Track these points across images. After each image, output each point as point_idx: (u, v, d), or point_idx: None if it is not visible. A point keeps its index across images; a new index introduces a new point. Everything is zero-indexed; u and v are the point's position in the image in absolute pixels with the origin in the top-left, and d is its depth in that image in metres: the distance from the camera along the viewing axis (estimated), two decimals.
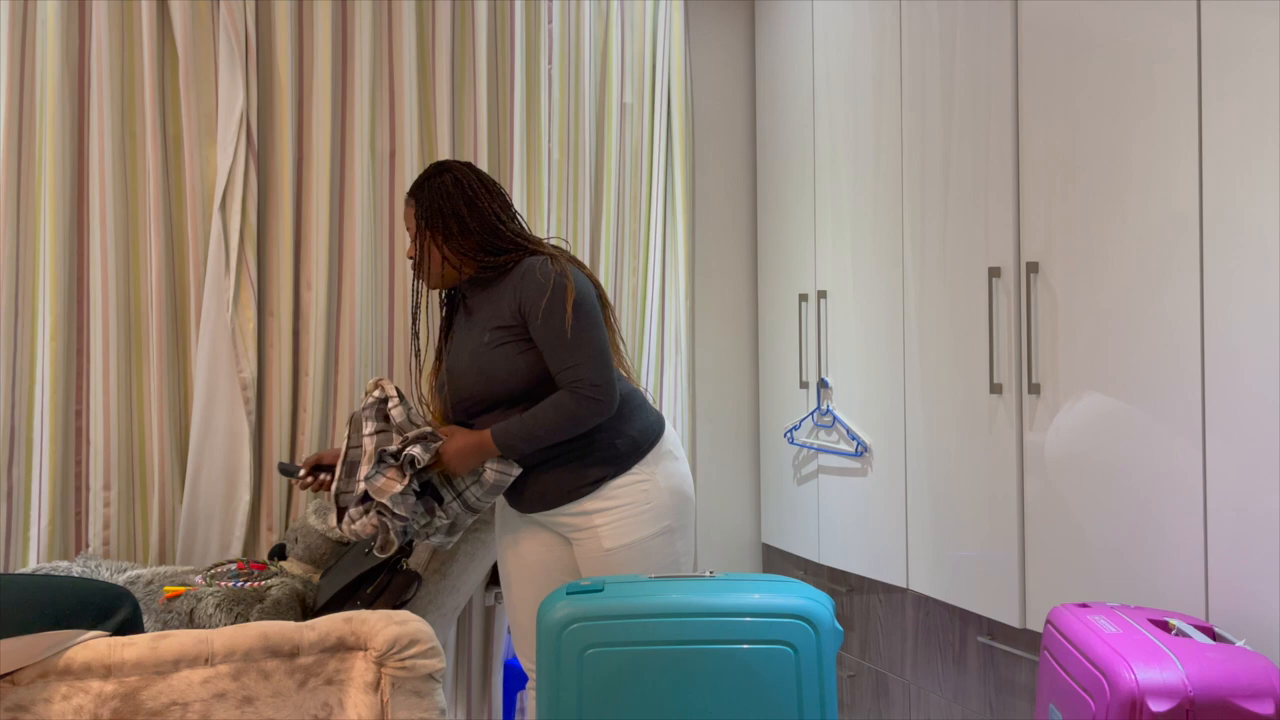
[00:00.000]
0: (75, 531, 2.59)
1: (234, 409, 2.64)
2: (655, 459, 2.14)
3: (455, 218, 2.16)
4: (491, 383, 2.11)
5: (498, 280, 2.15)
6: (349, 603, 2.16)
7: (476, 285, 2.20)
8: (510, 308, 2.10)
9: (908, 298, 2.54)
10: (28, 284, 2.56)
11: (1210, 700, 1.45)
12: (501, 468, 2.12)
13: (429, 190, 2.19)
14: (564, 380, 2.06)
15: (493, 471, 2.13)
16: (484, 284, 2.18)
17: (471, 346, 2.15)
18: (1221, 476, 1.74)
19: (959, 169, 2.35)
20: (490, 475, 2.13)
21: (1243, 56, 1.70)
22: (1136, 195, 1.90)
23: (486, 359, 2.11)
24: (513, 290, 2.10)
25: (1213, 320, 1.76)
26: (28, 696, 1.66)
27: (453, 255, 2.16)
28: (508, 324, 2.10)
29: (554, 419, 2.07)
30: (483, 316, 2.15)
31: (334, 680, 1.78)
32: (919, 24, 2.49)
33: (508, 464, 2.12)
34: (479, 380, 2.12)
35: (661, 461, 2.15)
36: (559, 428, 2.07)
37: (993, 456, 2.24)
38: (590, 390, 2.05)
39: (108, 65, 2.60)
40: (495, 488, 2.14)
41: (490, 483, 2.13)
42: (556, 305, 2.05)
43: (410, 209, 2.21)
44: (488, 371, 2.11)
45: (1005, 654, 2.29)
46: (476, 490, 2.16)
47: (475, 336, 2.15)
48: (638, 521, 2.10)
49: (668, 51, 3.21)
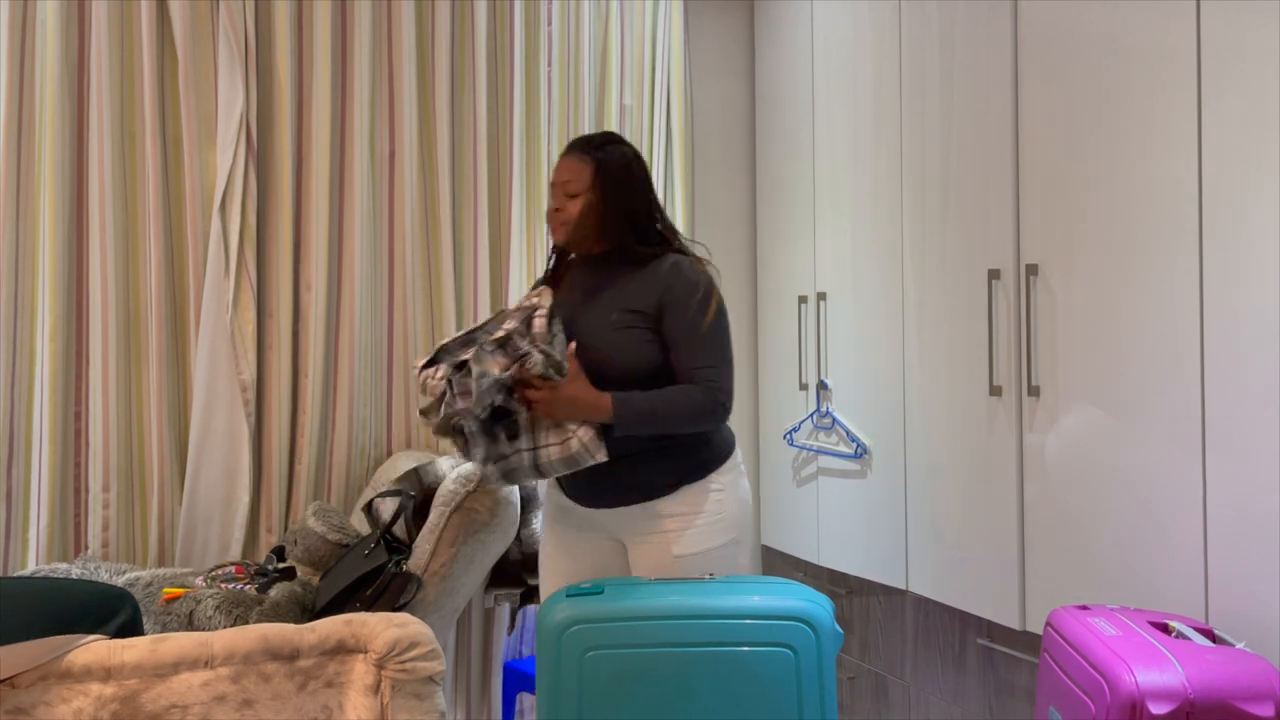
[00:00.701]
0: (74, 533, 2.59)
1: (233, 410, 2.64)
2: (730, 469, 2.11)
3: (628, 189, 2.14)
4: (609, 360, 2.05)
5: (634, 267, 2.11)
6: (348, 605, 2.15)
7: (605, 264, 2.15)
8: (651, 298, 2.07)
9: (907, 299, 2.54)
10: (27, 285, 2.56)
11: (1210, 703, 1.44)
12: (591, 443, 2.01)
13: (611, 153, 2.15)
14: (697, 379, 2.05)
15: (579, 442, 2.01)
16: (615, 265, 2.13)
17: (591, 320, 2.10)
18: (1221, 478, 1.74)
19: (959, 170, 2.35)
20: (575, 444, 2.00)
21: (1242, 58, 1.70)
22: (1136, 197, 1.90)
23: (611, 337, 2.06)
24: (658, 282, 2.08)
25: (1212, 322, 1.76)
26: (27, 700, 1.66)
27: (612, 223, 2.12)
28: (641, 310, 2.07)
29: (679, 406, 2.03)
30: (610, 296, 2.11)
31: (334, 683, 1.78)
32: (918, 25, 2.49)
33: (599, 443, 2.01)
34: (594, 354, 2.05)
35: (734, 473, 2.13)
36: (678, 417, 2.03)
37: (992, 459, 2.24)
38: (720, 395, 2.05)
39: (107, 67, 2.60)
40: (572, 461, 2.02)
41: (572, 452, 2.01)
42: (703, 307, 2.06)
43: (581, 164, 2.13)
44: (612, 348, 2.05)
45: (1005, 656, 2.29)
46: (554, 453, 2.02)
47: (599, 313, 2.09)
48: (709, 531, 2.05)
49: (667, 53, 3.21)
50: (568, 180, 2.13)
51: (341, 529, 2.43)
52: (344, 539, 2.40)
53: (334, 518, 2.46)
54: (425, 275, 2.90)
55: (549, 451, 2.03)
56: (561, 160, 2.16)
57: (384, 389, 2.88)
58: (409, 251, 2.86)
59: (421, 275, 2.89)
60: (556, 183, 2.15)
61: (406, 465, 2.57)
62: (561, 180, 2.14)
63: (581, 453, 2.00)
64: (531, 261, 2.99)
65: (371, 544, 2.24)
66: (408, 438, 2.91)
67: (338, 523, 2.45)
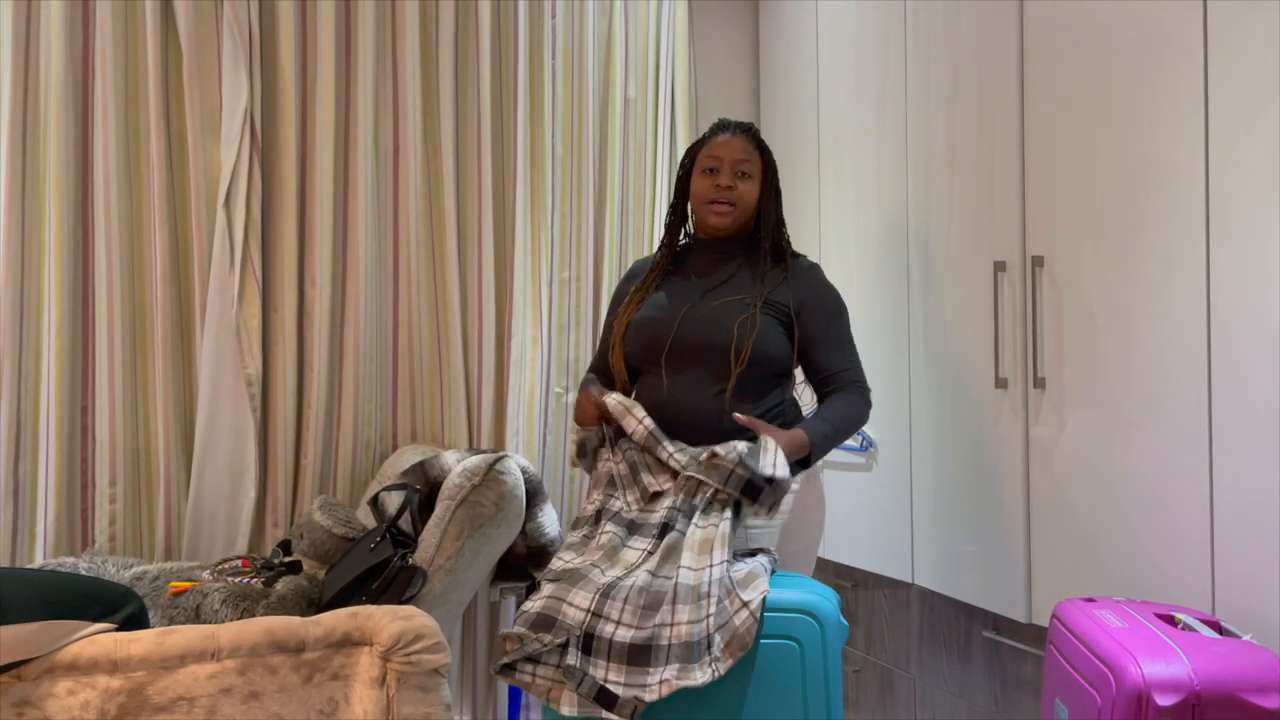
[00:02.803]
0: (81, 528, 2.59)
1: (239, 405, 2.65)
2: (811, 473, 2.12)
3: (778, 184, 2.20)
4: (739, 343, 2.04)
5: (767, 259, 2.14)
6: (354, 598, 2.15)
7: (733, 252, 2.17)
8: (794, 295, 2.11)
9: (913, 292, 2.53)
10: (33, 281, 2.56)
11: (1216, 694, 1.44)
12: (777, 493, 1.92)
13: (772, 159, 2.21)
14: (844, 380, 2.10)
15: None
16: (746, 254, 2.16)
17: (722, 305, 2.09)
18: (1228, 469, 1.74)
19: (964, 163, 2.34)
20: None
21: (1249, 49, 1.69)
22: (1142, 189, 1.89)
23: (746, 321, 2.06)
24: (801, 280, 2.14)
25: (1219, 313, 1.75)
26: (34, 692, 1.67)
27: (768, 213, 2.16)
28: (781, 303, 2.11)
29: (852, 419, 2.08)
30: (739, 283, 2.13)
31: (340, 675, 1.79)
32: (923, 18, 2.48)
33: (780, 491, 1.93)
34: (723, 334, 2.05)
35: (813, 477, 2.14)
36: (851, 430, 2.09)
37: (998, 451, 2.24)
38: (869, 394, 2.12)
39: (112, 63, 2.60)
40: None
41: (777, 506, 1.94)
42: (843, 310, 2.15)
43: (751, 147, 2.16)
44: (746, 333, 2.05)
45: (1011, 649, 2.28)
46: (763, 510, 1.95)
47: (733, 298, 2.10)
48: (787, 532, 2.06)
49: (671, 47, 3.20)
50: (744, 160, 2.12)
51: (347, 523, 2.43)
52: (350, 533, 2.40)
53: (339, 511, 2.47)
54: (429, 269, 2.90)
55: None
56: (725, 140, 2.15)
57: (389, 383, 2.89)
58: (413, 246, 2.86)
59: (426, 269, 2.89)
60: (726, 160, 2.12)
61: (412, 459, 2.57)
62: (736, 159, 2.12)
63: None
64: (535, 256, 2.99)
65: (377, 538, 2.24)
66: (413, 432, 2.92)
67: (343, 516, 2.45)
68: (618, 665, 1.71)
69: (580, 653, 1.73)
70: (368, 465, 2.84)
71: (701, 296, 2.11)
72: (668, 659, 1.70)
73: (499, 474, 2.31)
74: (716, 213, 2.13)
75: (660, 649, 1.71)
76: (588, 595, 1.79)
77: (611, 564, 1.89)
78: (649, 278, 2.24)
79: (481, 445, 2.90)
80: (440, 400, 2.89)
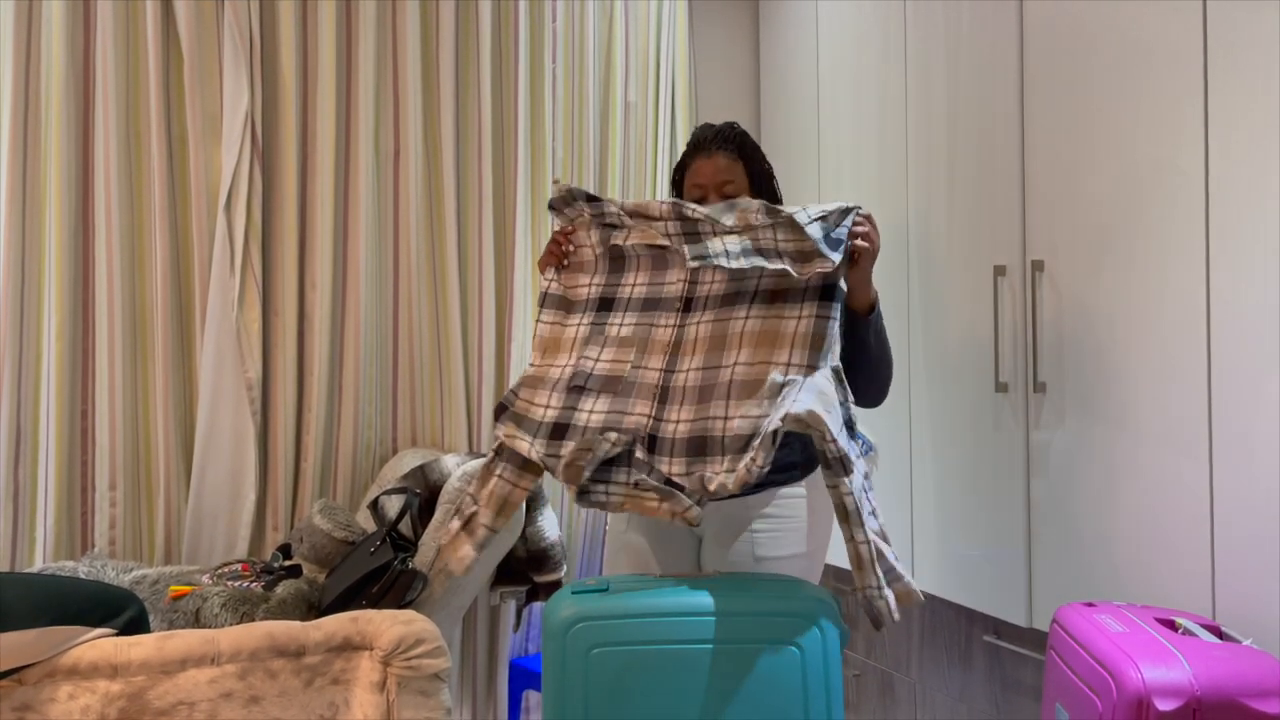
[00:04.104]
0: (81, 531, 2.59)
1: (239, 409, 2.65)
2: (815, 479, 2.06)
3: (772, 185, 2.09)
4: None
5: None
6: (354, 602, 2.15)
7: None
8: None
9: (913, 296, 2.53)
10: (33, 284, 2.56)
11: (1217, 699, 1.44)
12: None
13: (751, 145, 2.08)
14: None
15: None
16: None
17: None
18: (1228, 474, 1.74)
19: (964, 167, 2.34)
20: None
21: (1249, 53, 1.69)
22: (1142, 193, 1.89)
23: None
24: None
25: (1219, 317, 1.75)
26: (34, 696, 1.67)
27: None
28: None
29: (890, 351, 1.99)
30: None
31: (340, 680, 1.78)
32: (924, 21, 2.48)
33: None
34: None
35: (819, 484, 2.10)
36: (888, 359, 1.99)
37: (998, 455, 2.24)
38: None
39: (113, 66, 2.60)
40: None
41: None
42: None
43: (732, 160, 2.04)
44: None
45: (1011, 653, 2.28)
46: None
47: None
48: (795, 536, 2.00)
49: (672, 50, 3.21)
50: (726, 181, 2.01)
51: (347, 526, 2.43)
52: (350, 536, 2.40)
53: (340, 515, 2.47)
54: (430, 273, 2.90)
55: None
56: (705, 160, 2.04)
57: (389, 387, 2.89)
58: (414, 249, 2.86)
59: (426, 273, 2.89)
60: (709, 185, 2.01)
61: (412, 463, 2.57)
62: (718, 182, 2.01)
63: None
64: (536, 259, 2.99)
65: (377, 541, 2.24)
66: (413, 435, 2.92)
67: (343, 520, 2.45)
68: (679, 458, 1.76)
69: (647, 451, 1.78)
70: (368, 469, 2.84)
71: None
72: (724, 451, 1.73)
73: None
74: None
75: (715, 440, 1.75)
76: (646, 401, 1.83)
77: (645, 354, 1.89)
78: None
79: (482, 449, 2.90)
80: (440, 404, 2.89)
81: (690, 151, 2.10)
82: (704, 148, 2.06)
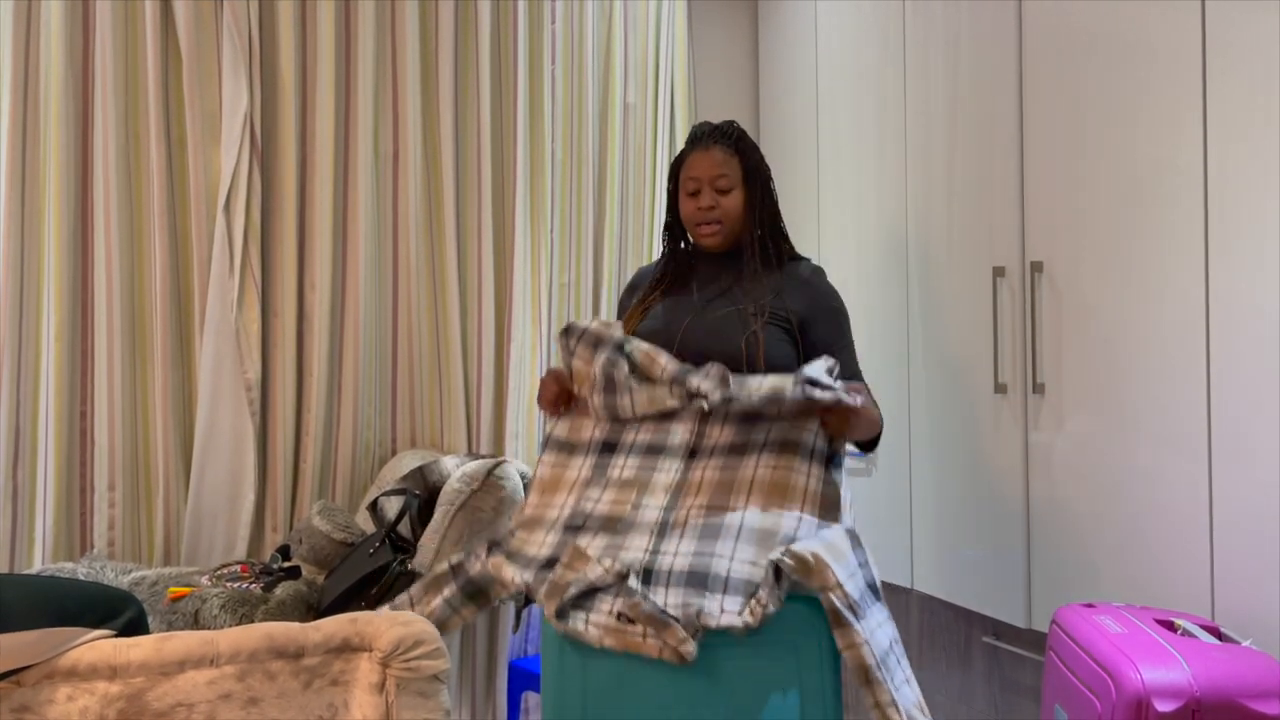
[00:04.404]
0: (80, 532, 2.59)
1: (238, 410, 2.65)
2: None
3: (769, 183, 2.09)
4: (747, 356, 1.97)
5: (767, 266, 2.05)
6: (353, 604, 2.15)
7: (733, 261, 2.08)
8: (799, 302, 2.02)
9: (912, 297, 2.53)
10: (32, 285, 2.56)
11: (1216, 700, 1.44)
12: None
13: (749, 143, 2.08)
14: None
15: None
16: (745, 263, 2.06)
17: (723, 317, 2.02)
18: (1227, 474, 1.74)
19: (963, 168, 2.34)
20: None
21: (1248, 54, 1.69)
22: (1141, 193, 1.89)
23: (749, 334, 1.98)
24: (806, 287, 2.05)
25: (1218, 318, 1.75)
26: (32, 698, 1.66)
27: (760, 219, 2.06)
28: (785, 312, 2.01)
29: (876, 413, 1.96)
30: (745, 293, 2.03)
31: (339, 681, 1.78)
32: (922, 23, 2.48)
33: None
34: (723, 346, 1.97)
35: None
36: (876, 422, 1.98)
37: (997, 457, 2.24)
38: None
39: (112, 67, 2.60)
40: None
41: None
42: (846, 318, 2.07)
43: (728, 156, 2.04)
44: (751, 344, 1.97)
45: (1010, 654, 2.28)
46: None
47: (733, 310, 2.02)
48: None
49: (671, 51, 3.21)
50: (721, 175, 2.02)
51: (346, 528, 2.43)
52: (349, 538, 2.40)
53: (339, 516, 2.47)
54: (429, 274, 2.90)
55: None
56: (701, 154, 2.04)
57: (389, 387, 2.89)
58: (413, 250, 2.86)
59: (425, 274, 2.89)
60: (704, 179, 2.02)
61: (411, 464, 2.57)
62: (712, 176, 2.02)
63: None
64: (535, 260, 2.99)
65: (376, 543, 2.24)
66: (412, 436, 2.92)
67: (342, 521, 2.45)
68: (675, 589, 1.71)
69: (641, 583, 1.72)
70: (367, 470, 2.84)
71: (703, 307, 2.08)
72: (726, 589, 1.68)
73: (498, 479, 2.31)
74: (705, 234, 2.08)
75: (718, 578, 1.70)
76: (643, 536, 1.79)
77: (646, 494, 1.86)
78: (649, 290, 2.21)
79: (481, 450, 2.90)
80: (439, 405, 2.89)
81: (687, 146, 2.11)
82: (701, 142, 2.07)
